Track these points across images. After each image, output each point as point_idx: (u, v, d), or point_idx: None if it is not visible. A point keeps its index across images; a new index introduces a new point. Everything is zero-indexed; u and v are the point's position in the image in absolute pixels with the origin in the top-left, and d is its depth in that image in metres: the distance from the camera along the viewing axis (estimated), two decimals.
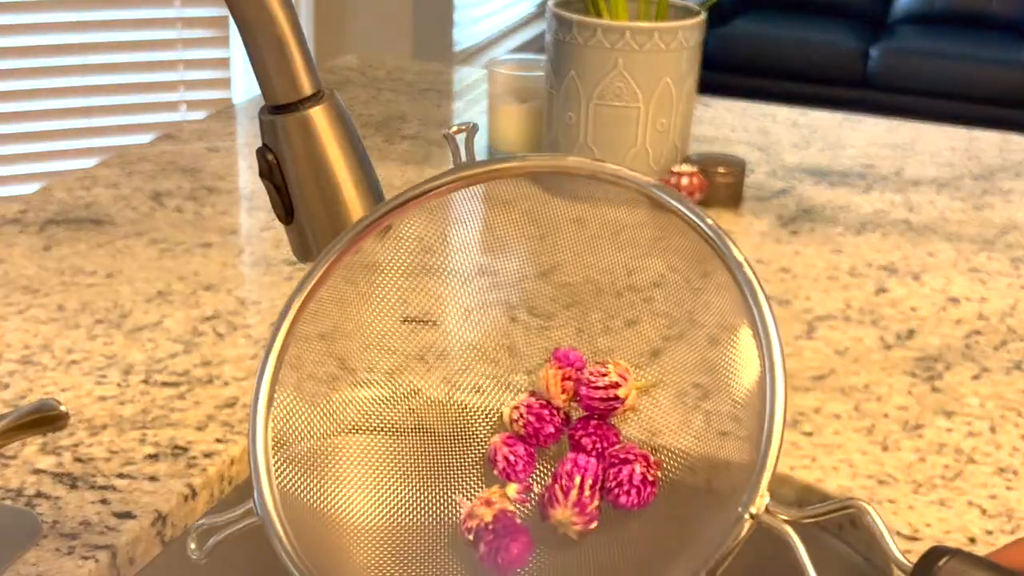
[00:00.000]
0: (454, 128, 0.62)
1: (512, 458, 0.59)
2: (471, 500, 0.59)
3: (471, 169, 0.63)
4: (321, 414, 0.61)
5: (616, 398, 0.59)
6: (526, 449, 0.60)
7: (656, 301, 0.67)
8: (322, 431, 0.60)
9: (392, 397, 0.64)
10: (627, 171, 0.60)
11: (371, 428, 0.63)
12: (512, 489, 0.59)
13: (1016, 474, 0.77)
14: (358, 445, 0.61)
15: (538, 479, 0.60)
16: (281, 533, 0.53)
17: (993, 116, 3.93)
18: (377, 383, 0.67)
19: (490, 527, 0.56)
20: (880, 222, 1.18)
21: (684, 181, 1.15)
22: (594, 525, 0.56)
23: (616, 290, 0.71)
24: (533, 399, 0.61)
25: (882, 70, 4.28)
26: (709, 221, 0.58)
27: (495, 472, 0.60)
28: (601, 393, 0.59)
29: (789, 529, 0.47)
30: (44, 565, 0.64)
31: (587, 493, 0.56)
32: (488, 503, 0.57)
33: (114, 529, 0.67)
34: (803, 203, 1.22)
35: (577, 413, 0.61)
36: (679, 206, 0.59)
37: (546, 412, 0.60)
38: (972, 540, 0.70)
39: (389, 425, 0.63)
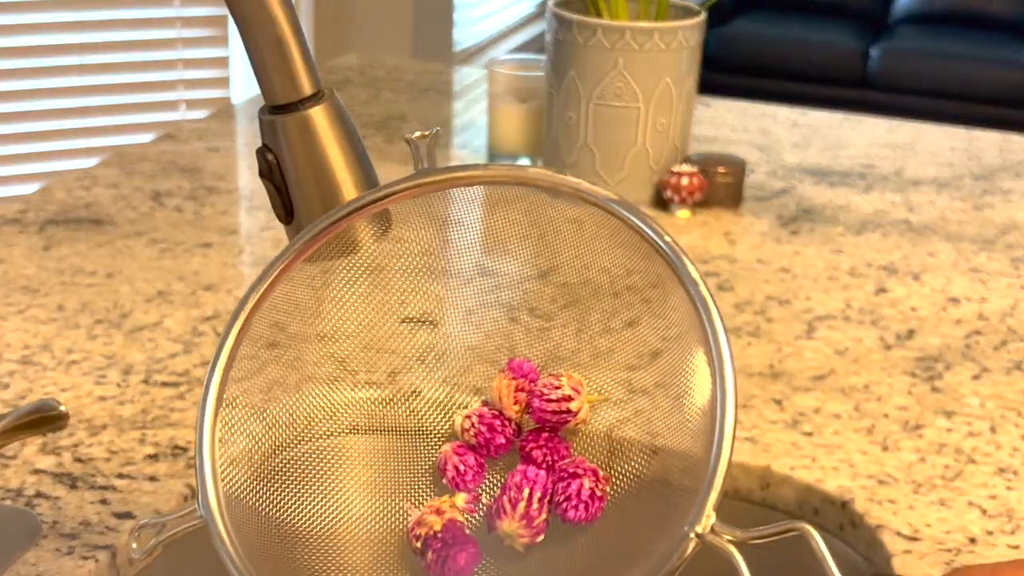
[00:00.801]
0: (417, 133, 0.60)
1: (462, 467, 0.59)
2: (420, 508, 0.59)
3: (430, 176, 0.62)
4: (275, 418, 0.61)
5: (568, 411, 0.59)
6: (476, 459, 0.59)
7: (654, 302, 0.67)
8: (275, 435, 0.60)
9: (351, 402, 0.64)
10: (587, 185, 0.60)
11: (324, 433, 0.63)
12: (460, 499, 0.58)
13: (1016, 474, 0.77)
14: (308, 450, 0.61)
15: (487, 490, 0.59)
16: (223, 534, 0.51)
17: (993, 116, 3.93)
18: (345, 385, 0.66)
19: (439, 536, 0.56)
20: (880, 222, 1.18)
21: (684, 181, 1.15)
22: (541, 538, 0.56)
23: (614, 290, 0.71)
24: (485, 408, 0.61)
25: (882, 70, 4.28)
26: (667, 239, 0.57)
27: (444, 481, 0.59)
28: (553, 406, 0.59)
29: (733, 549, 0.47)
30: (44, 565, 0.64)
31: (535, 506, 0.55)
32: (438, 512, 0.57)
33: (114, 529, 0.67)
34: (803, 203, 1.22)
35: (529, 425, 0.60)
36: (637, 222, 0.59)
37: (498, 422, 0.60)
38: (972, 540, 0.70)
39: (342, 430, 0.63)
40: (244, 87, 2.48)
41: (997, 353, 0.93)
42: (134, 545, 0.53)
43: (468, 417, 0.61)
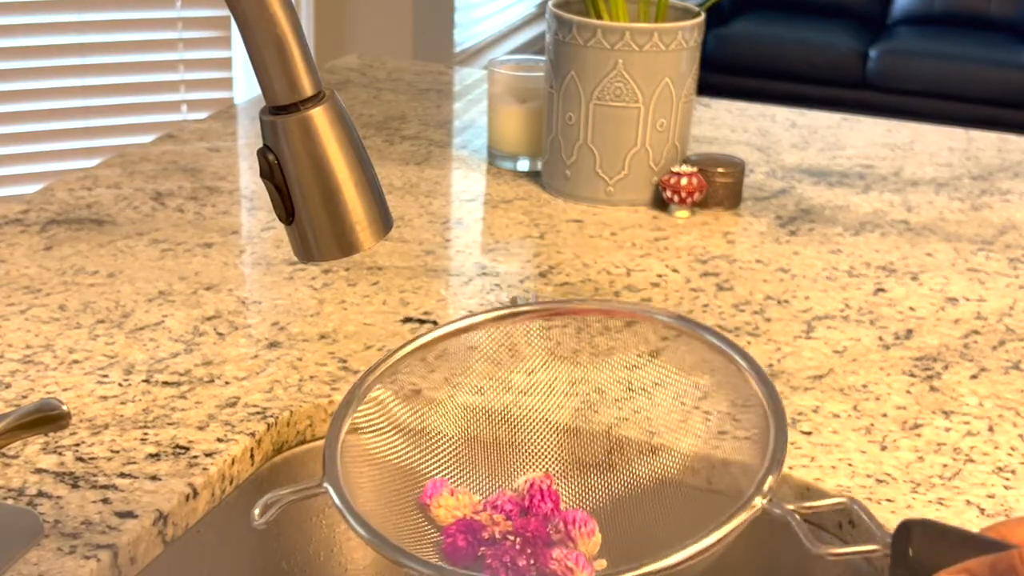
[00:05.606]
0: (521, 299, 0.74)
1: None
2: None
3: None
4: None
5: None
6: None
7: (654, 301, 0.68)
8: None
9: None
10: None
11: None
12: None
13: (1014, 473, 0.77)
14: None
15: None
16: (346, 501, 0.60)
17: (991, 117, 3.94)
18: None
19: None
20: (879, 222, 1.18)
21: (683, 181, 1.15)
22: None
23: (615, 290, 0.73)
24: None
25: (881, 71, 4.28)
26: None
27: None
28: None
29: (791, 518, 0.57)
30: (45, 564, 0.64)
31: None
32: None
33: (115, 528, 0.67)
34: (802, 203, 1.22)
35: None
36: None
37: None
38: None
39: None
40: (246, 88, 2.48)
41: (995, 353, 0.93)
42: (256, 511, 0.60)
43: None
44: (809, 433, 0.81)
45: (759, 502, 0.57)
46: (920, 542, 0.52)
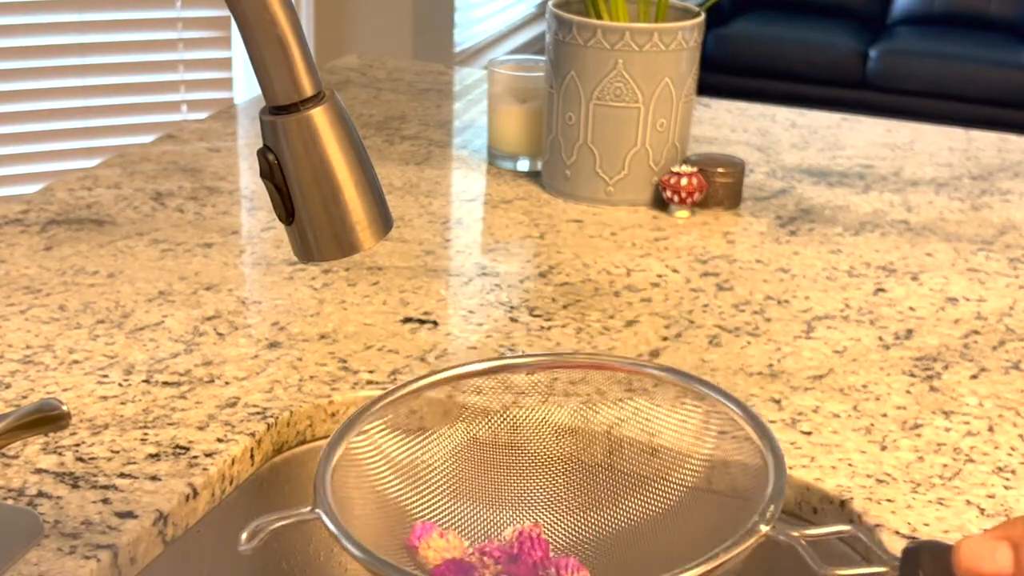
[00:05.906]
0: None
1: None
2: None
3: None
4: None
5: None
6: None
7: (654, 301, 0.68)
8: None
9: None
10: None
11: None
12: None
13: (1014, 473, 0.77)
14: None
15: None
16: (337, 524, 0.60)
17: (991, 117, 3.94)
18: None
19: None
20: (879, 222, 1.18)
21: (683, 181, 1.15)
22: None
23: (615, 289, 0.74)
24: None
25: (881, 71, 4.28)
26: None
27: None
28: None
29: (798, 543, 0.58)
30: (45, 565, 0.64)
31: None
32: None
33: (115, 529, 0.67)
34: (802, 203, 1.22)
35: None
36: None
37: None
38: None
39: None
40: (246, 88, 2.48)
41: (995, 353, 0.93)
42: (244, 536, 0.59)
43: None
44: (809, 433, 0.81)
45: (763, 529, 0.58)
46: (930, 565, 0.52)
